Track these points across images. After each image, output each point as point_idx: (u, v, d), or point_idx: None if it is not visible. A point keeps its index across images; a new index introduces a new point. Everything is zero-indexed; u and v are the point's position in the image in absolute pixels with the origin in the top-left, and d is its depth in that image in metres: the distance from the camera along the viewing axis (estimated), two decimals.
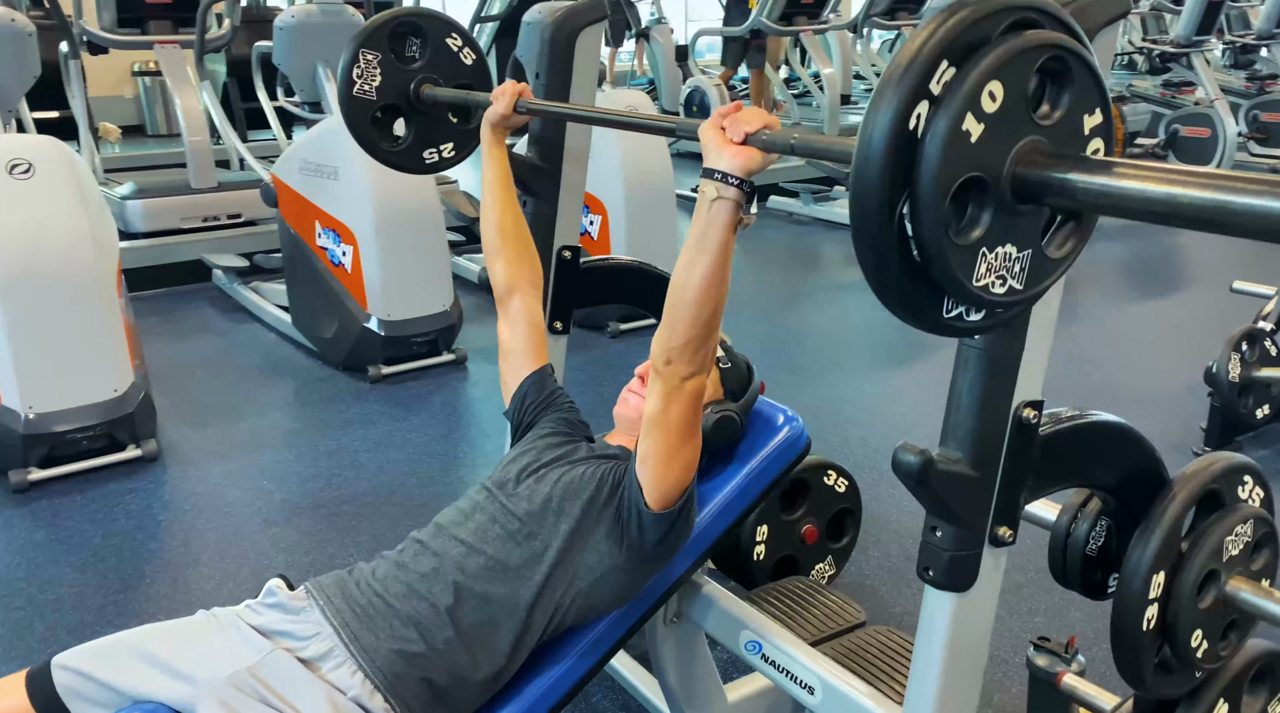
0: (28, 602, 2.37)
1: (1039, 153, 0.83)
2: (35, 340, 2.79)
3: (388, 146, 1.89)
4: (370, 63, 1.81)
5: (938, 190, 0.79)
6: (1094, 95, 0.87)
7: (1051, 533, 1.49)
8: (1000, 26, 0.82)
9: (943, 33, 0.79)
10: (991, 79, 0.79)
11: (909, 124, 0.78)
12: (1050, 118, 0.84)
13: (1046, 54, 0.82)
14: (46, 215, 2.78)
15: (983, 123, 0.79)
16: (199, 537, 2.66)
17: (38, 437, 2.84)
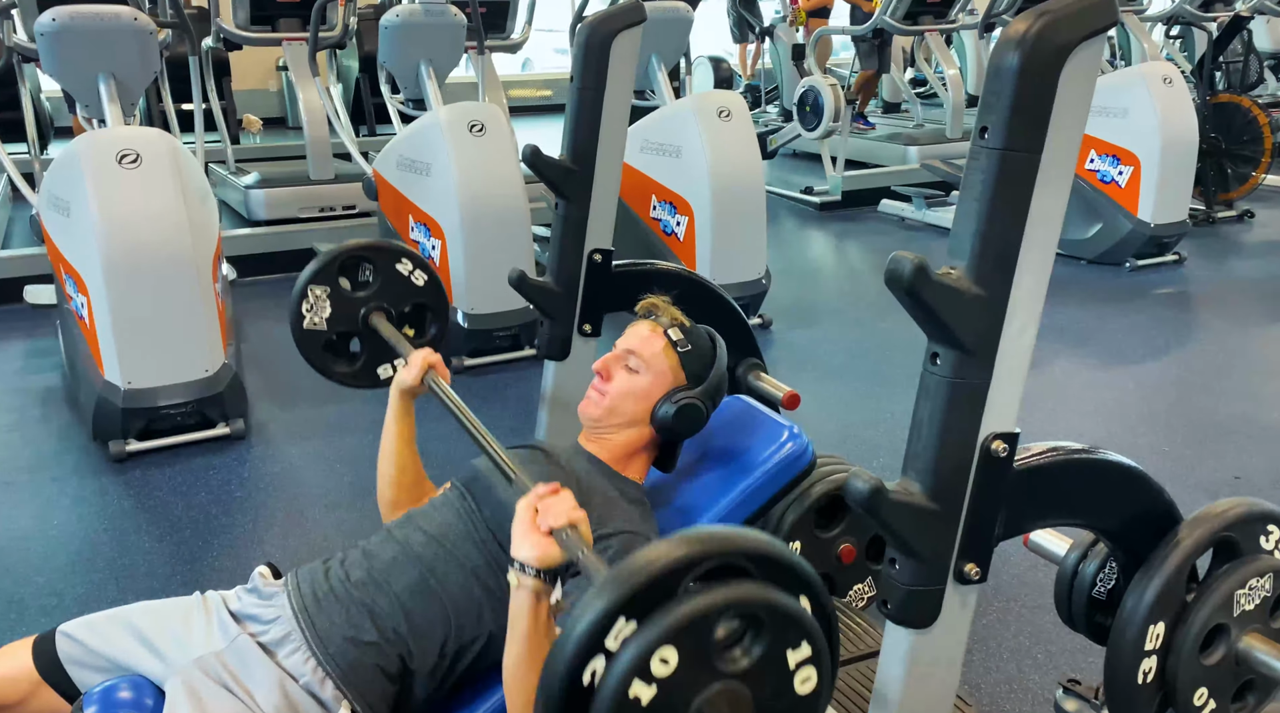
0: (107, 565, 2.54)
1: (727, 701, 0.82)
2: (135, 319, 2.97)
3: (343, 368, 1.97)
4: (319, 297, 1.88)
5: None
6: (799, 633, 0.85)
7: (1058, 570, 1.41)
8: (689, 577, 0.82)
9: (626, 589, 0.80)
10: (662, 645, 0.79)
11: (583, 679, 0.80)
12: (740, 663, 0.83)
13: (728, 612, 0.82)
14: (150, 203, 2.96)
15: (654, 686, 0.79)
16: (268, 515, 2.79)
17: (135, 410, 3.03)
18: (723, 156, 3.96)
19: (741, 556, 0.84)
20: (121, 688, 1.31)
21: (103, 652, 1.36)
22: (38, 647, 1.39)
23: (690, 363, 1.53)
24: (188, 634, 1.36)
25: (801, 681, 0.85)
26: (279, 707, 1.26)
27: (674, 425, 1.49)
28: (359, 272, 1.92)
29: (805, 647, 0.85)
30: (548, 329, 1.92)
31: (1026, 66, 0.99)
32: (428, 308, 1.97)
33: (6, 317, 4.30)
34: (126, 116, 3.44)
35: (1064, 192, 1.06)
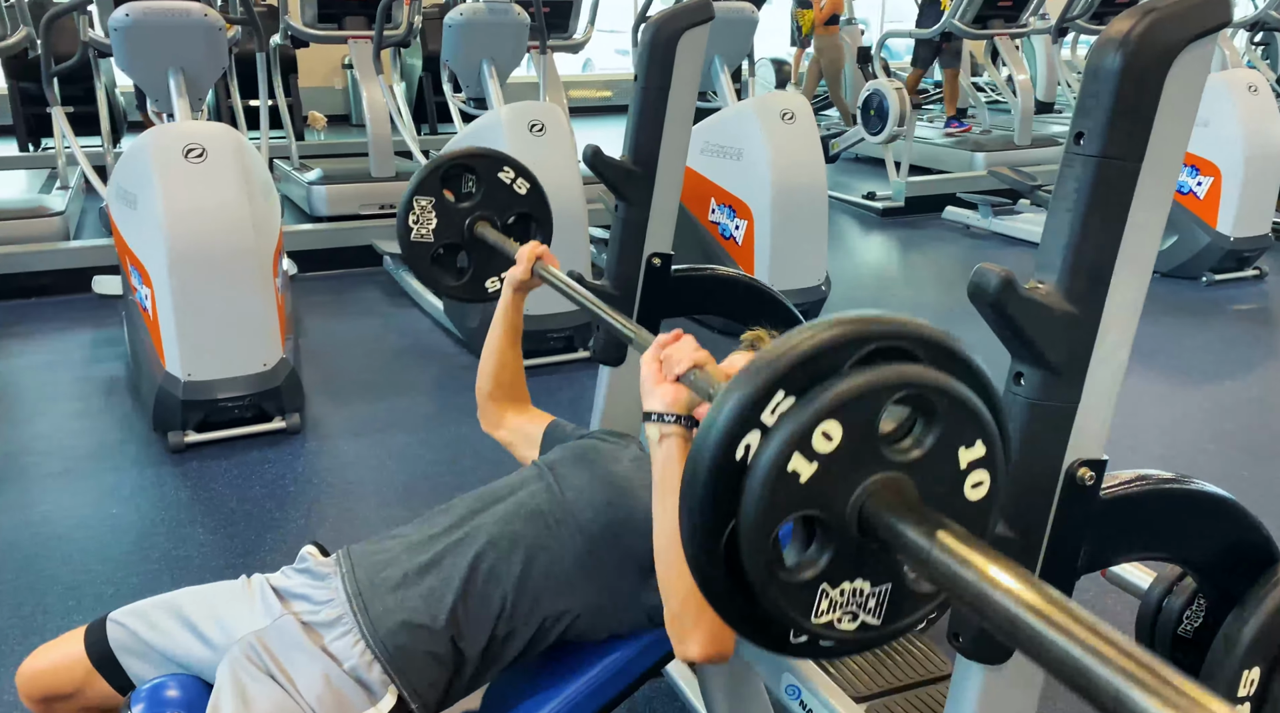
0: (162, 557, 2.55)
1: (892, 490, 0.74)
2: (196, 312, 3.00)
3: (451, 281, 1.93)
4: (425, 208, 1.85)
5: (758, 529, 0.73)
6: (973, 428, 0.76)
7: (1141, 605, 1.33)
8: (852, 357, 0.74)
9: (786, 360, 0.72)
10: (826, 419, 0.71)
11: (736, 454, 0.73)
12: (910, 454, 0.75)
13: (898, 393, 0.73)
14: (214, 197, 2.99)
15: (815, 463, 0.72)
16: (319, 511, 2.79)
17: (194, 402, 3.06)
18: (784, 159, 3.90)
19: (915, 341, 0.75)
20: (168, 687, 1.29)
21: (151, 639, 1.35)
22: (89, 636, 1.38)
23: None
24: (233, 618, 1.34)
25: (973, 484, 0.77)
26: (321, 697, 1.23)
27: None
28: (462, 182, 1.90)
29: (979, 446, 0.76)
30: (603, 333, 1.88)
31: (1129, 68, 0.92)
32: (531, 217, 1.93)
33: (76, 306, 4.39)
34: (194, 111, 3.48)
35: (1165, 203, 0.98)
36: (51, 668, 1.38)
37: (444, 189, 1.85)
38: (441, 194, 1.85)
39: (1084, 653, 0.56)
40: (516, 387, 1.72)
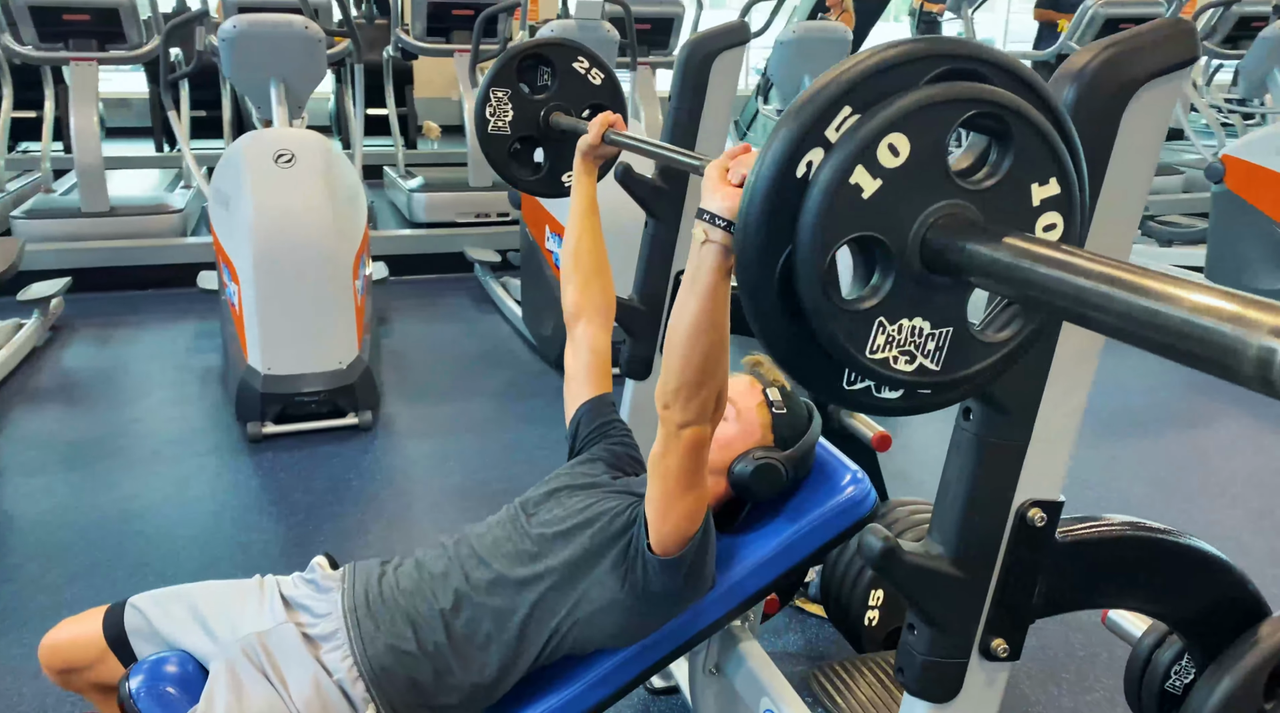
0: (226, 541, 2.69)
1: (959, 220, 0.72)
2: (278, 309, 3.16)
3: (528, 175, 1.97)
4: (501, 99, 1.89)
5: (815, 248, 0.71)
6: (1047, 162, 0.74)
7: (1130, 656, 1.29)
8: (926, 75, 0.71)
9: (852, 73, 0.70)
10: (892, 131, 0.69)
11: (797, 171, 0.71)
12: (981, 183, 0.73)
13: (969, 110, 0.70)
14: (299, 200, 3.15)
15: (879, 178, 0.70)
16: (377, 508, 2.90)
17: (273, 395, 3.22)
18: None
19: (990, 66, 0.71)
20: (168, 662, 1.37)
21: (162, 627, 1.44)
22: (108, 617, 1.47)
23: (781, 426, 1.49)
24: (241, 617, 1.42)
25: (1044, 226, 0.73)
26: (309, 701, 1.30)
27: (749, 483, 1.44)
28: (538, 75, 1.92)
29: (1054, 183, 0.73)
30: (630, 348, 1.90)
31: (1082, 104, 0.90)
32: (606, 108, 1.93)
33: (186, 299, 4.66)
34: (294, 118, 3.66)
35: (1124, 245, 0.95)
36: (70, 642, 1.48)
37: (520, 81, 1.87)
38: (518, 85, 1.87)
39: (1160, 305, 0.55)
40: (596, 263, 1.67)
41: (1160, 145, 0.94)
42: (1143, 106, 0.91)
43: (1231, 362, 0.51)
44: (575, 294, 1.65)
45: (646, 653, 1.42)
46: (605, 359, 1.65)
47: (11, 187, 5.67)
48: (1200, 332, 0.52)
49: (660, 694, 2.08)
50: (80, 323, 4.43)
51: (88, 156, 4.83)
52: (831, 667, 1.85)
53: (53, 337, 4.24)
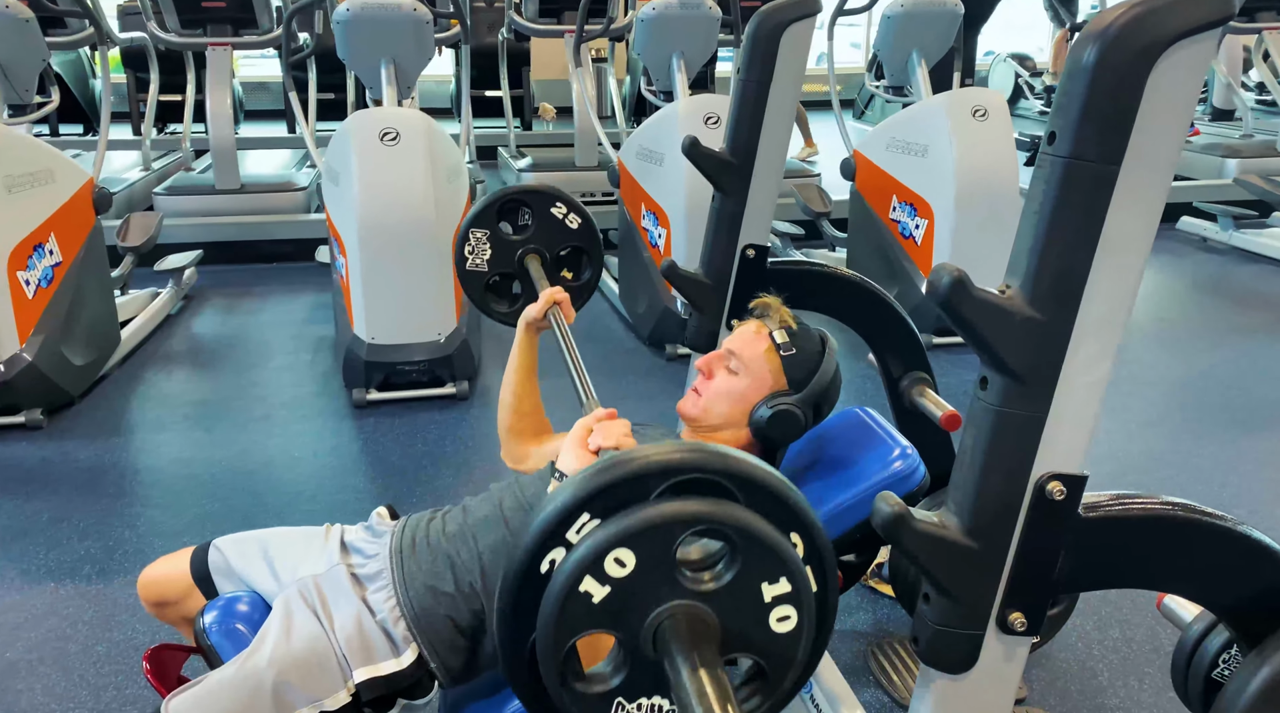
0: (325, 499, 2.85)
1: (690, 619, 0.78)
2: (381, 282, 3.30)
3: (504, 308, 2.04)
4: (480, 239, 1.96)
5: (550, 642, 0.79)
6: (774, 565, 0.79)
7: (1178, 643, 1.25)
8: (660, 487, 0.78)
9: (590, 485, 0.77)
10: (617, 546, 0.76)
11: (541, 568, 0.78)
12: (709, 585, 0.79)
13: (692, 528, 0.77)
14: (402, 177, 3.27)
15: (608, 586, 0.77)
16: (467, 472, 3.00)
17: (377, 364, 3.37)
18: (972, 158, 3.74)
19: (729, 476, 0.79)
20: (239, 601, 1.48)
21: (237, 566, 1.55)
22: (195, 555, 1.60)
23: (793, 368, 1.49)
24: (303, 560, 1.52)
25: (778, 618, 0.80)
26: (350, 637, 1.37)
27: (768, 431, 1.46)
28: (518, 216, 1.99)
29: (784, 583, 0.79)
30: (695, 321, 1.93)
31: (1105, 65, 0.88)
32: (583, 251, 2.01)
33: (306, 272, 4.90)
34: (403, 98, 3.80)
35: (1153, 212, 0.92)
36: (163, 577, 1.61)
37: (501, 221, 1.95)
38: (497, 227, 1.96)
39: None
40: (536, 417, 1.81)
41: (1192, 110, 0.90)
42: (1170, 68, 0.87)
43: None
44: (517, 449, 1.79)
45: None
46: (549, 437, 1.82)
47: (156, 165, 6.06)
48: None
49: None
50: (211, 293, 4.71)
51: (221, 137, 5.12)
52: (891, 644, 1.84)
53: (185, 305, 4.53)
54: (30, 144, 3.39)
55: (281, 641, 1.35)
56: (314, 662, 1.35)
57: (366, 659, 1.36)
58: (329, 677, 1.35)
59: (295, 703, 1.33)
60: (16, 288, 3.12)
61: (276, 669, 1.33)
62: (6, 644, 2.19)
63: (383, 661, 1.37)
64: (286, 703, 1.32)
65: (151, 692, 1.99)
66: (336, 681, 1.35)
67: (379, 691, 1.36)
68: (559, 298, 1.75)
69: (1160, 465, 3.03)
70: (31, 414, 3.22)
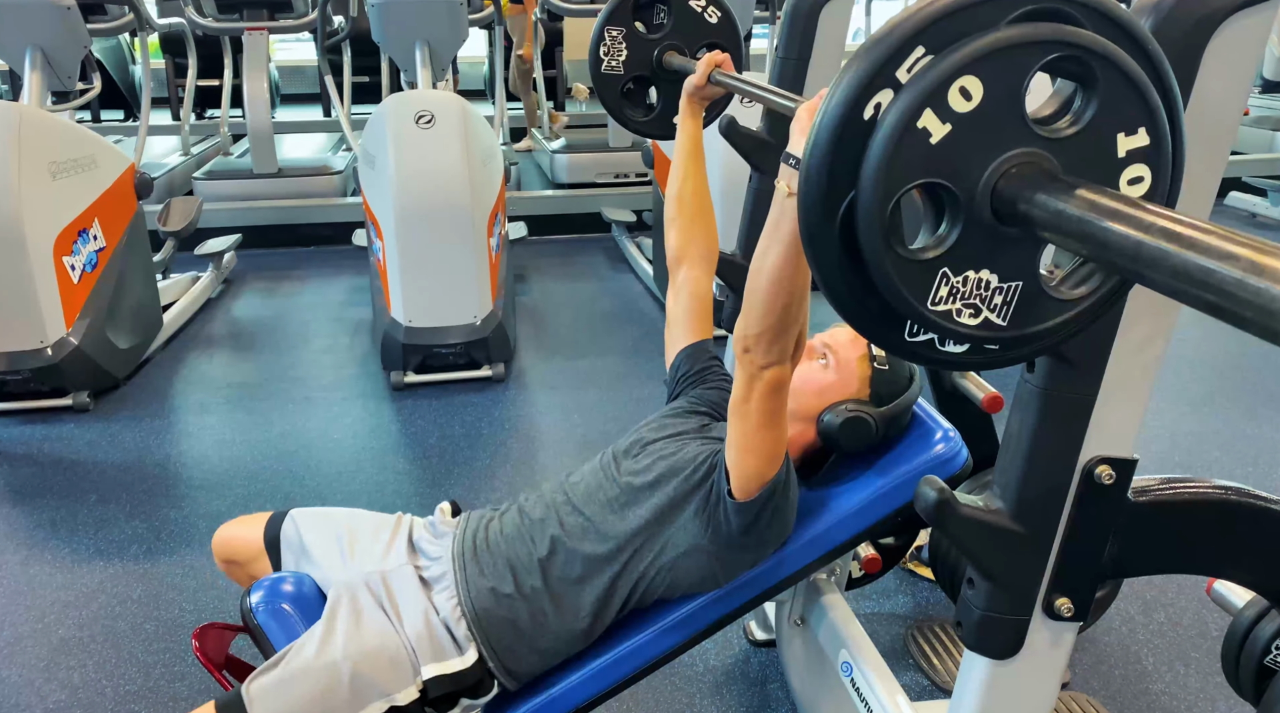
0: (365, 480, 2.88)
1: (1034, 170, 0.67)
2: (417, 265, 3.31)
3: (640, 116, 1.96)
4: (615, 39, 1.87)
5: (878, 194, 0.67)
6: (1136, 111, 0.68)
7: (1229, 628, 1.23)
8: (1009, 15, 0.66)
9: (927, 12, 0.66)
10: (964, 74, 0.64)
11: (864, 113, 0.67)
12: (1061, 132, 0.67)
13: (1049, 54, 0.65)
14: (438, 160, 3.28)
15: (949, 123, 0.65)
16: (504, 453, 3.02)
17: (414, 346, 3.39)
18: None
19: (1081, 6, 0.67)
20: (286, 582, 1.50)
21: (308, 541, 1.57)
22: (270, 522, 1.63)
23: (880, 383, 1.48)
24: (372, 547, 1.53)
25: (1130, 179, 0.69)
26: (420, 634, 1.38)
27: (836, 433, 1.44)
28: (654, 13, 1.90)
29: (1142, 134, 0.68)
30: (732, 303, 1.91)
31: (1160, 39, 0.84)
32: (723, 49, 1.85)
33: (344, 255, 4.94)
34: (437, 80, 3.80)
35: (1209, 188, 0.90)
36: (238, 538, 1.64)
37: (635, 20, 1.86)
38: (633, 24, 1.86)
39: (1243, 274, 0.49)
40: (700, 206, 1.68)
41: (1249, 83, 0.88)
42: (1227, 41, 0.85)
43: None
44: (678, 237, 1.65)
45: (730, 598, 1.44)
46: (707, 304, 1.65)
47: (195, 150, 6.12)
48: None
49: (761, 646, 2.10)
50: (250, 276, 4.77)
51: (258, 121, 5.16)
52: (930, 627, 1.83)
53: (225, 289, 4.59)
54: (74, 130, 3.44)
55: (353, 632, 1.37)
56: (385, 656, 1.37)
57: (435, 656, 1.38)
58: (400, 671, 1.37)
59: (369, 696, 1.35)
60: (62, 273, 3.17)
61: (353, 660, 1.35)
62: (58, 622, 2.24)
63: (450, 658, 1.38)
64: (361, 695, 1.35)
65: (199, 669, 2.04)
66: (407, 676, 1.37)
67: (446, 688, 1.38)
68: (719, 59, 1.62)
69: (1207, 447, 2.98)
70: (78, 397, 3.28)
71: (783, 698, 1.96)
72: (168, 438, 3.14)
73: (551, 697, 1.44)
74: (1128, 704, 1.95)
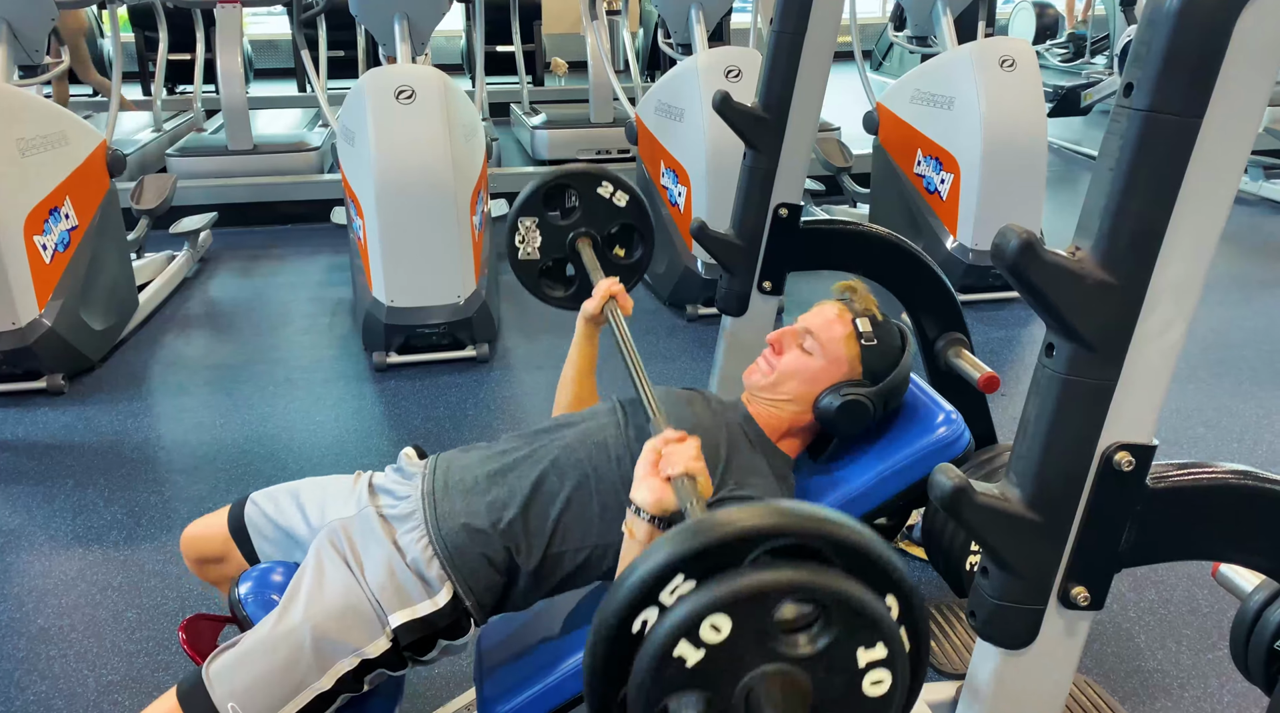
0: (349, 462, 2.83)
1: (782, 683, 0.76)
2: (399, 243, 3.25)
3: (560, 292, 1.97)
4: (529, 227, 1.88)
5: (642, 704, 0.77)
6: (872, 630, 0.77)
7: (1237, 612, 1.21)
8: (756, 552, 0.76)
9: (687, 545, 0.75)
10: (713, 612, 0.74)
11: (632, 627, 0.77)
12: (804, 650, 0.76)
13: (788, 597, 0.75)
14: (418, 136, 3.21)
15: (702, 650, 0.75)
16: (490, 433, 2.98)
17: (396, 327, 3.34)
18: (1000, 110, 3.65)
19: (825, 540, 0.78)
20: (274, 571, 1.46)
21: (273, 516, 1.54)
22: (232, 510, 1.59)
23: (872, 359, 1.46)
24: (334, 506, 1.50)
25: (872, 682, 0.79)
26: (382, 584, 1.35)
27: (834, 419, 1.42)
28: (565, 198, 1.94)
29: (880, 648, 0.78)
30: (726, 283, 1.88)
31: (1189, 11, 0.82)
32: (634, 228, 1.95)
33: (322, 233, 4.86)
34: (417, 55, 3.72)
35: (1234, 167, 0.88)
36: (203, 535, 1.60)
37: (548, 208, 1.89)
38: (545, 213, 1.89)
39: None
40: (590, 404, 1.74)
41: (1278, 65, 0.85)
42: (1259, 13, 0.82)
43: None
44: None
45: None
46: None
47: (168, 126, 6.00)
48: None
49: None
50: (226, 255, 4.68)
51: (233, 96, 5.06)
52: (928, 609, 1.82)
53: (201, 268, 4.50)
54: (42, 106, 3.34)
55: (315, 593, 1.34)
56: (349, 612, 1.34)
57: (402, 603, 1.35)
58: (366, 625, 1.34)
59: (336, 655, 1.32)
60: (34, 253, 3.09)
61: (313, 623, 1.32)
62: (36, 611, 2.19)
63: (419, 602, 1.35)
64: (327, 656, 1.31)
65: (184, 658, 2.00)
66: (374, 628, 1.34)
67: (417, 632, 1.35)
68: (614, 291, 1.70)
69: (1192, 423, 2.99)
70: (53, 380, 3.21)
71: None
72: (145, 421, 3.08)
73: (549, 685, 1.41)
74: (1120, 683, 1.95)
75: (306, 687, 1.31)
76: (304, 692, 1.31)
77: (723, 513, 0.78)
